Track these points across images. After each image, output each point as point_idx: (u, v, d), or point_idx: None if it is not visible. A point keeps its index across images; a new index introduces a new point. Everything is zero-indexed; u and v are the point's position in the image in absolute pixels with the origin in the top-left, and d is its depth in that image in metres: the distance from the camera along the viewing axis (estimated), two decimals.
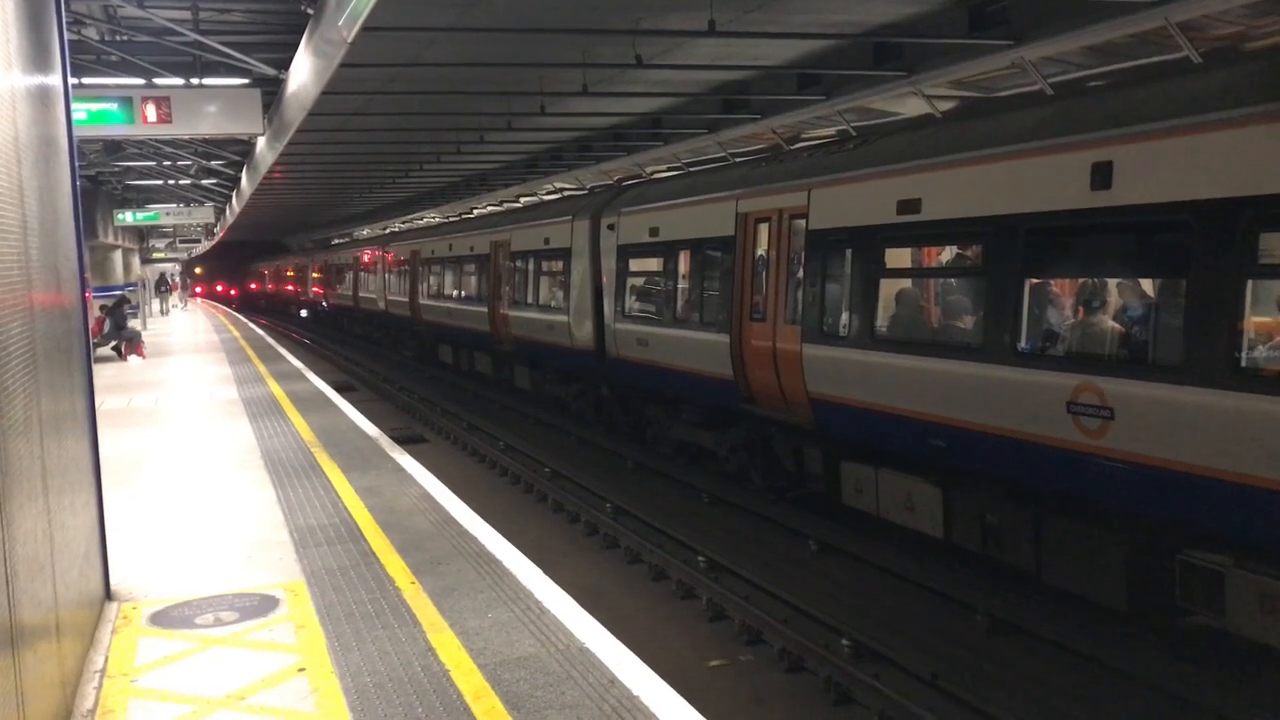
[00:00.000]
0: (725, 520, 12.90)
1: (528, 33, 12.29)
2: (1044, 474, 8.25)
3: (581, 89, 15.30)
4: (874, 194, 10.16)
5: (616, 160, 23.72)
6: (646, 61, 13.58)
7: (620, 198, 16.92)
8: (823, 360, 10.85)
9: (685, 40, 12.82)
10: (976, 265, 9.31)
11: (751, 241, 12.48)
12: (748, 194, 12.58)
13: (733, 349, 12.60)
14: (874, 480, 10.45)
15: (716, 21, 11.65)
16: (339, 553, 7.96)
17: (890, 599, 9.83)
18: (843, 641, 8.38)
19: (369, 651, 5.95)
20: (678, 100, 17.78)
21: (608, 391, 17.71)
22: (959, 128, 10.03)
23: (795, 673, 8.36)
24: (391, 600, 6.85)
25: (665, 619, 9.74)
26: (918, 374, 9.49)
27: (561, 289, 18.52)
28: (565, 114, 18.26)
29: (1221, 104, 6.85)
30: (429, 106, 17.34)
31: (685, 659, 8.59)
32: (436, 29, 11.80)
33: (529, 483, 15.41)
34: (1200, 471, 6.80)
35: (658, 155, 22.25)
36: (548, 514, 13.95)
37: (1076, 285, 8.50)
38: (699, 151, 21.19)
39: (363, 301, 37.99)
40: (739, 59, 14.31)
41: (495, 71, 14.45)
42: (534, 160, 25.77)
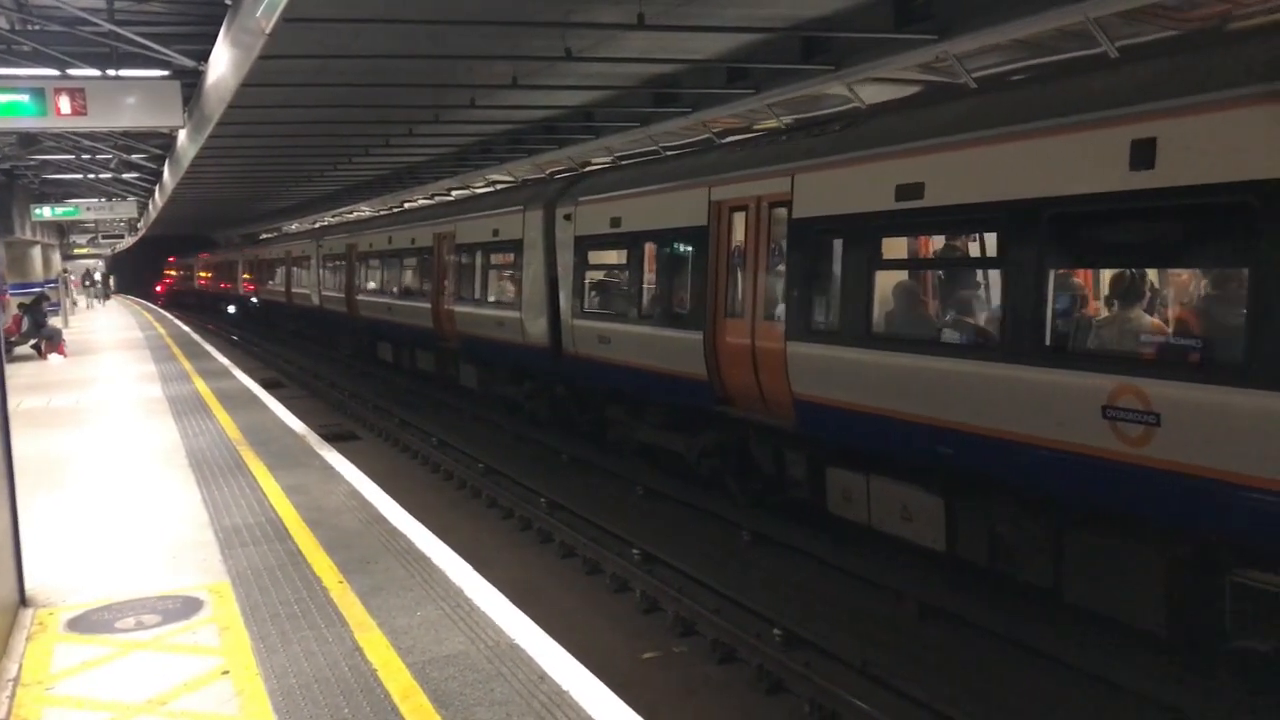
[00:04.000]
0: (659, 512, 12.93)
1: (456, 25, 12.15)
2: (1071, 485, 7.43)
3: (511, 82, 15.19)
4: (869, 178, 9.37)
5: (549, 153, 23.60)
6: (576, 54, 13.50)
7: (577, 186, 16.06)
8: (810, 359, 10.05)
9: (615, 33, 12.77)
10: (992, 255, 8.66)
11: (726, 232, 11.66)
12: (721, 181, 11.76)
13: (706, 347, 11.78)
14: (865, 488, 9.72)
15: (646, 15, 11.62)
16: (265, 553, 7.82)
17: (822, 587, 9.93)
18: (774, 631, 8.45)
19: (295, 652, 5.85)
20: (609, 93, 17.71)
21: (564, 391, 16.86)
22: (968, 105, 9.26)
23: (728, 663, 8.41)
24: (319, 600, 6.74)
25: (599, 613, 9.73)
26: (921, 374, 8.67)
27: (513, 283, 17.63)
28: (495, 107, 18.10)
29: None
30: (356, 99, 17.06)
31: (619, 652, 8.59)
32: (361, 20, 11.61)
33: (462, 479, 15.31)
34: (1263, 485, 6.06)
35: (589, 148, 22.18)
36: (481, 510, 13.86)
37: (1112, 276, 7.69)
38: (632, 145, 21.16)
39: (296, 297, 37.21)
40: (669, 52, 14.28)
41: (423, 64, 14.26)
42: (464, 153, 25.54)
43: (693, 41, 13.58)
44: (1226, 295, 6.83)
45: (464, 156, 26.14)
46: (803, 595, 9.66)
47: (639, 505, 13.36)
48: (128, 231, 52.21)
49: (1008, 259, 7.97)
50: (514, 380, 18.69)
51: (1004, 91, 9.56)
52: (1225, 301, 6.82)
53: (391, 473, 14.99)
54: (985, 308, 8.77)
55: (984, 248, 9.01)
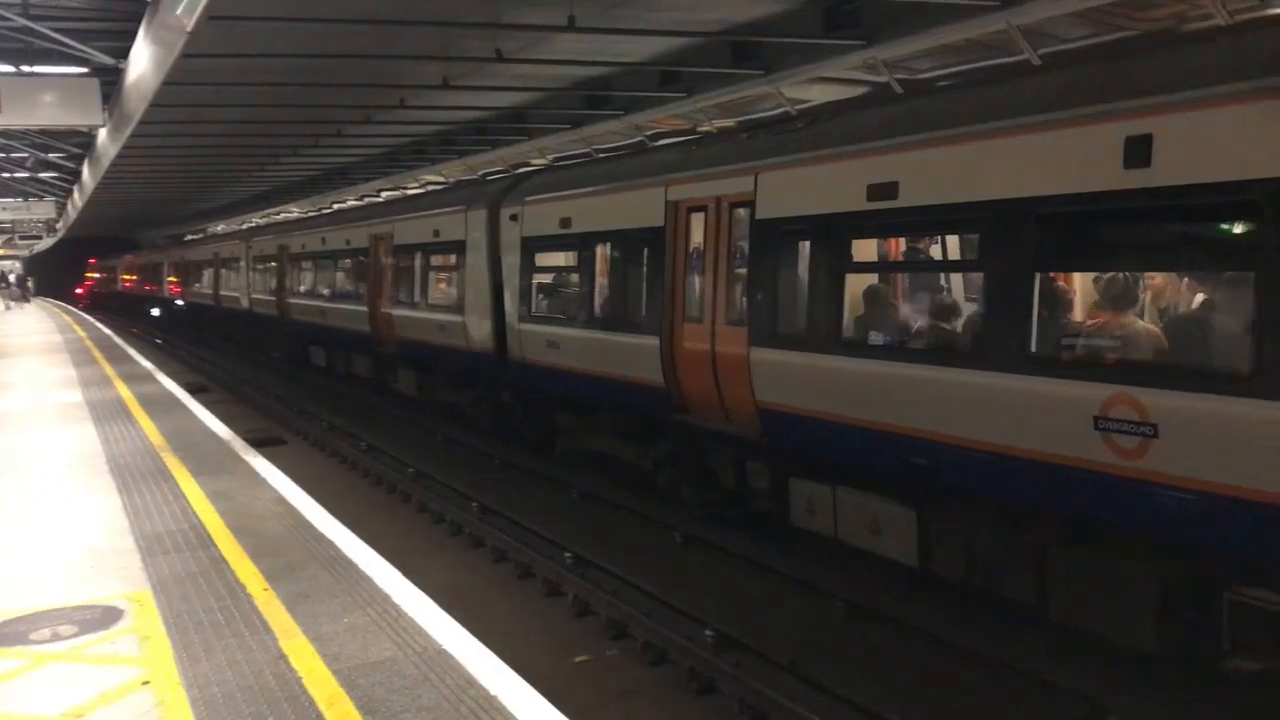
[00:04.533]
0: (593, 516, 12.91)
1: (385, 25, 12.05)
2: (1059, 499, 7.13)
3: (442, 82, 15.11)
4: (838, 177, 8.97)
5: (480, 155, 23.49)
6: (507, 56, 13.46)
7: (523, 185, 15.52)
8: (775, 366, 9.62)
9: (546, 35, 12.77)
10: (972, 257, 8.33)
11: (684, 233, 11.20)
12: (679, 180, 11.28)
13: (663, 353, 11.28)
14: (830, 500, 9.34)
15: (577, 17, 11.64)
16: (188, 560, 7.66)
17: (753, 588, 9.99)
18: (705, 632, 8.48)
19: (218, 661, 5.74)
20: (540, 95, 17.70)
21: (510, 398, 16.21)
22: (948, 100, 8.92)
23: (660, 665, 8.41)
24: (243, 608, 6.62)
25: (531, 617, 9.68)
26: (895, 382, 8.30)
27: (455, 286, 17.00)
28: (425, 107, 17.99)
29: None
30: (284, 99, 16.84)
31: (551, 656, 8.55)
32: (286, 19, 11.46)
33: (392, 484, 15.14)
34: (1270, 499, 5.75)
35: (522, 150, 22.12)
36: (411, 515, 13.72)
37: (1104, 280, 7.36)
38: (563, 146, 21.15)
39: (224, 300, 36.45)
40: (600, 55, 14.31)
41: (352, 64, 14.12)
42: (395, 154, 25.32)
43: (624, 44, 13.62)
44: (1231, 299, 6.53)
45: (395, 157, 25.92)
46: (734, 596, 9.71)
47: (572, 509, 13.33)
48: (46, 232, 50.86)
49: (991, 261, 7.63)
50: (456, 386, 18.13)
51: (987, 87, 9.29)
52: (1229, 306, 6.53)
53: (319, 478, 14.78)
54: (966, 313, 8.45)
55: (965, 250, 8.73)
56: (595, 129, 19.01)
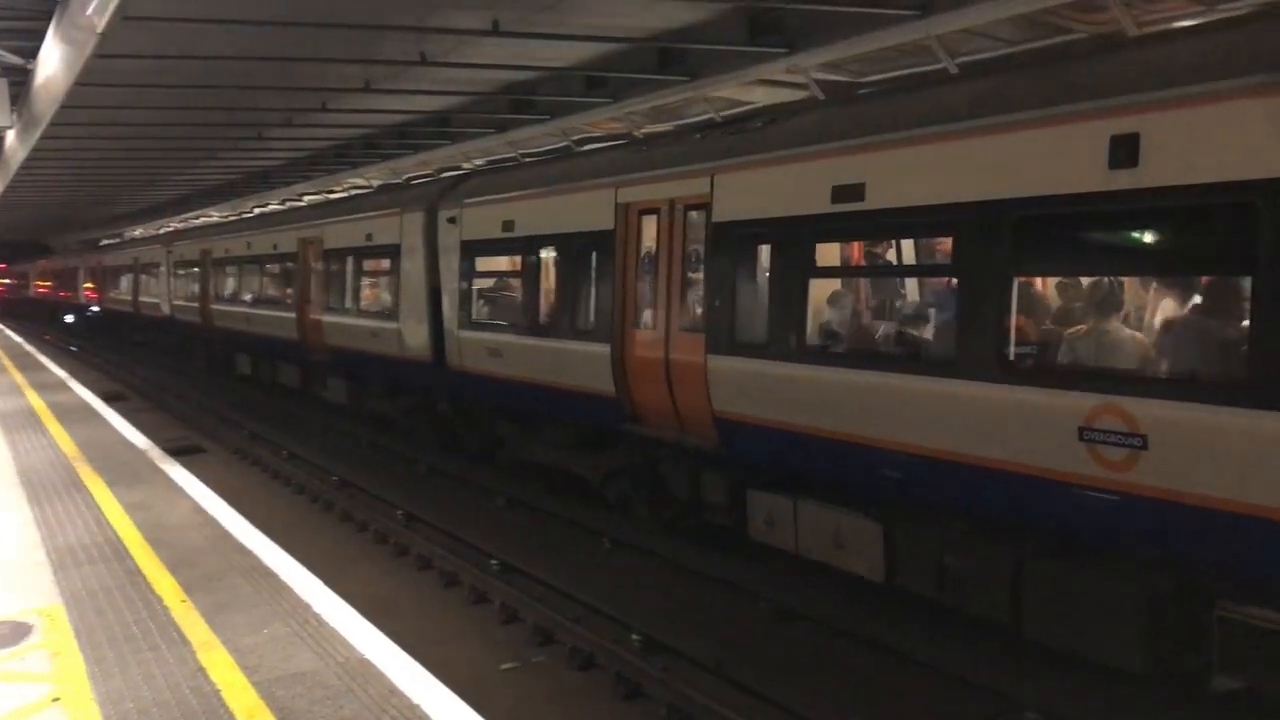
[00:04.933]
0: (520, 522, 12.86)
1: (304, 27, 11.86)
2: (1040, 512, 6.88)
3: (364, 86, 14.91)
4: (801, 179, 8.66)
5: (404, 159, 23.25)
6: (431, 59, 13.33)
7: (462, 187, 15.16)
8: (734, 374, 9.28)
9: (470, 39, 12.65)
10: (946, 261, 8.03)
11: (635, 236, 10.84)
12: (630, 181, 10.93)
13: (614, 361, 10.90)
14: (791, 512, 9.04)
15: (500, 21, 11.56)
16: (102, 573, 7.47)
17: (680, 591, 10.04)
18: (632, 636, 8.49)
19: (133, 676, 5.60)
20: (465, 99, 17.54)
21: (447, 408, 15.74)
22: (917, 99, 8.65)
23: (587, 670, 8.41)
24: (159, 620, 6.47)
25: (456, 625, 9.61)
26: (865, 392, 8.00)
27: (389, 291, 16.47)
28: (348, 110, 17.73)
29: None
30: (201, 101, 16.45)
31: (477, 664, 8.50)
32: (202, 20, 11.22)
33: (315, 492, 14.92)
34: (1266, 514, 5.56)
35: (447, 154, 21.95)
36: (335, 524, 13.54)
37: (1088, 285, 7.19)
38: (489, 151, 21.03)
39: (143, 306, 35.52)
40: (525, 59, 14.23)
41: (271, 66, 13.86)
42: (318, 158, 24.94)
43: (549, 49, 13.56)
44: (1227, 305, 6.32)
45: (318, 161, 25.53)
46: (662, 600, 9.74)
47: (499, 515, 13.26)
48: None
49: (966, 266, 7.34)
50: (390, 395, 17.56)
51: (961, 84, 8.98)
52: (1225, 312, 6.32)
53: (240, 488, 14.49)
54: (939, 319, 8.14)
55: (937, 254, 8.43)
56: (521, 134, 18.93)
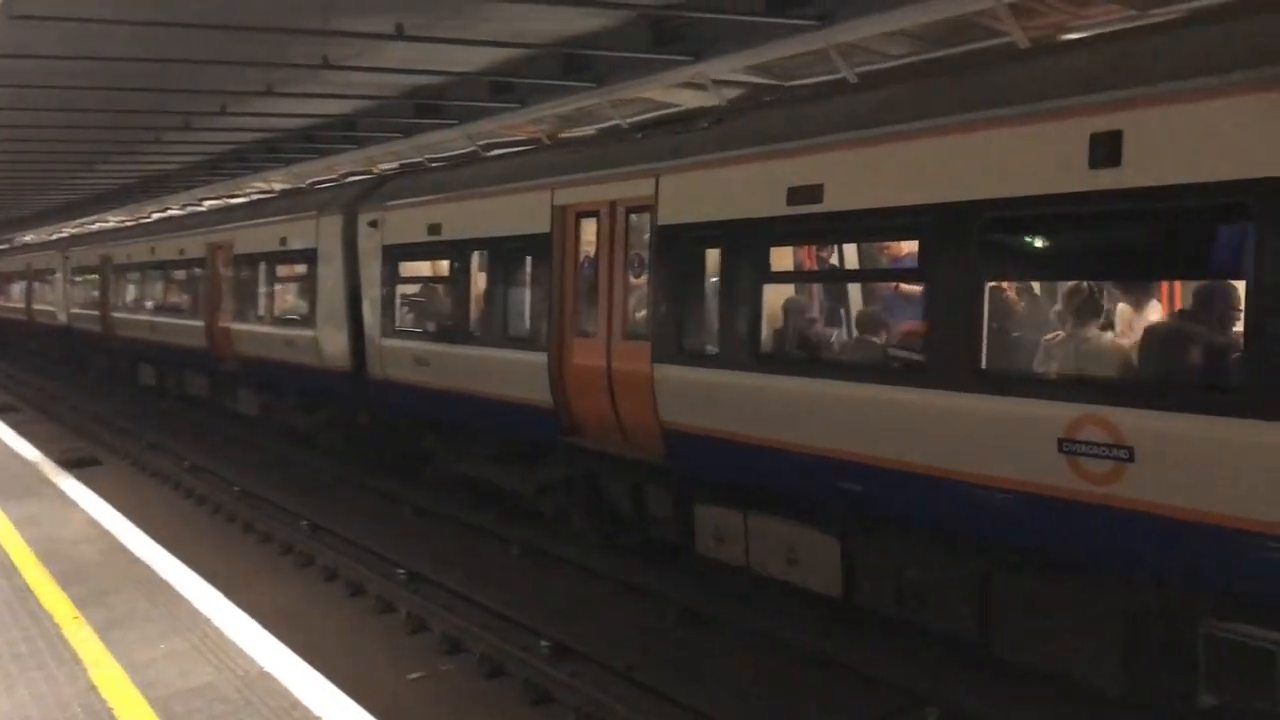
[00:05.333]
0: (428, 530, 12.76)
1: (201, 29, 11.62)
2: (1015, 527, 6.60)
3: (265, 89, 14.66)
4: (754, 180, 8.30)
5: (308, 163, 22.90)
6: (334, 63, 13.18)
7: (384, 189, 14.55)
8: (683, 384, 8.86)
9: (375, 43, 12.54)
10: (912, 266, 7.73)
11: (573, 240, 10.38)
12: (567, 183, 10.45)
13: (551, 370, 10.42)
14: (742, 527, 8.67)
15: (405, 26, 11.47)
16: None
17: (591, 596, 10.05)
18: (541, 643, 8.49)
19: (20, 697, 5.42)
20: (370, 103, 17.36)
21: (369, 420, 15.08)
22: (879, 96, 8.33)
23: (496, 678, 8.37)
24: (49, 638, 6.27)
25: (362, 636, 9.49)
26: (825, 402, 7.66)
27: (305, 298, 15.80)
28: (248, 114, 17.41)
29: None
30: (95, 103, 15.99)
31: (383, 674, 8.40)
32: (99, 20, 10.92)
33: (217, 503, 14.60)
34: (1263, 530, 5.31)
35: (353, 158, 21.68)
36: (238, 535, 13.27)
37: (1066, 290, 6.82)
38: (398, 155, 20.83)
39: (38, 315, 34.15)
40: (431, 64, 14.14)
41: (168, 68, 13.55)
42: (218, 162, 24.42)
43: (455, 53, 13.50)
44: (1218, 310, 6.09)
45: (218, 165, 25.01)
46: (572, 606, 9.74)
47: (407, 524, 13.13)
48: None
49: (934, 270, 7.01)
50: (307, 407, 16.84)
51: (927, 80, 8.70)
52: (1216, 318, 6.09)
53: (138, 500, 14.09)
54: (905, 326, 7.87)
55: (903, 257, 8.16)
56: (428, 139, 18.79)
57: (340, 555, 11.41)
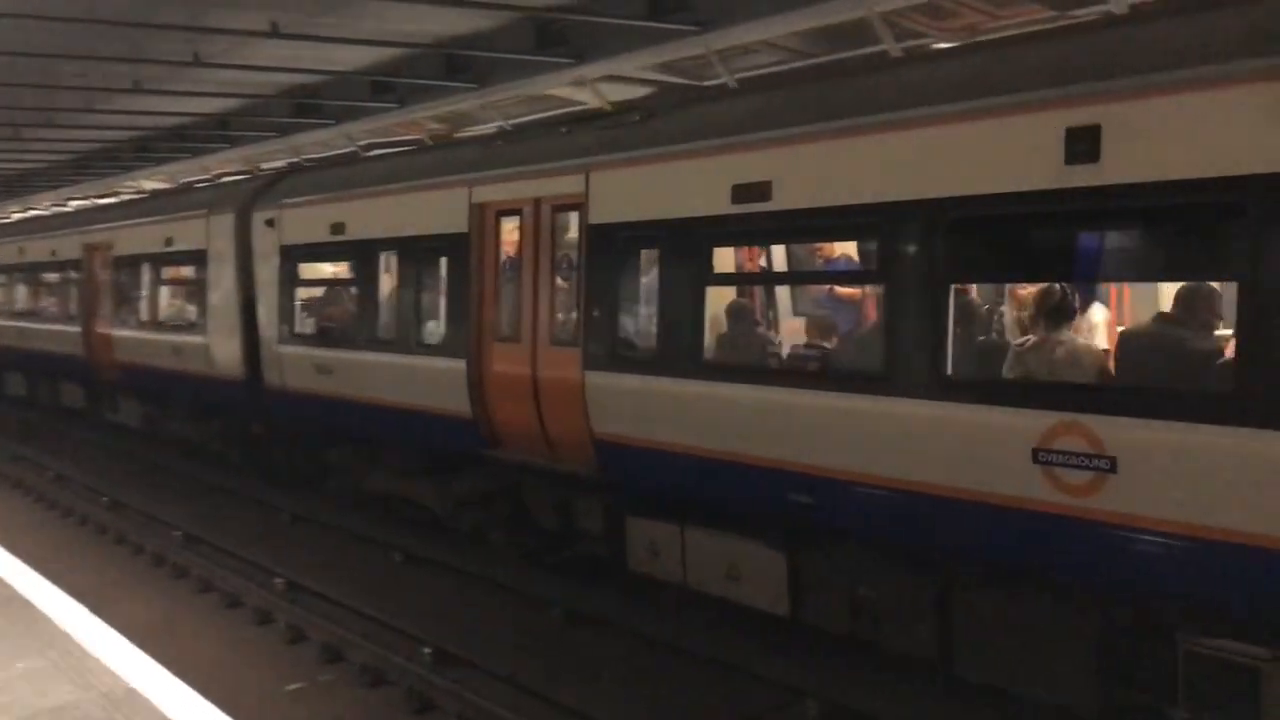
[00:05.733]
0: (308, 539, 12.49)
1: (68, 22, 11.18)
2: (983, 542, 6.31)
3: (133, 86, 14.19)
4: (695, 177, 7.90)
5: (181, 162, 22.23)
6: (206, 60, 12.83)
7: (281, 185, 13.84)
8: (618, 392, 8.44)
9: (247, 40, 12.24)
10: (869, 267, 7.44)
11: (493, 240, 9.86)
12: (487, 180, 9.91)
13: (470, 378, 9.87)
14: (679, 542, 8.29)
15: (280, 23, 11.25)
16: None
17: (475, 602, 9.97)
18: (424, 650, 8.38)
19: None
20: (245, 102, 16.95)
21: (265, 431, 14.32)
22: (834, 88, 7.95)
23: (377, 687, 8.23)
24: None
25: (240, 648, 9.24)
26: (774, 411, 7.31)
27: (194, 302, 15.01)
28: (116, 111, 16.81)
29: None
30: None
31: (261, 687, 8.19)
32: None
33: (84, 515, 14.04)
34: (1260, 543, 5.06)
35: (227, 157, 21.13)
36: (107, 547, 12.79)
37: (1038, 293, 6.57)
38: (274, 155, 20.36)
39: None
40: (307, 62, 13.87)
41: (31, 62, 13.01)
42: (84, 160, 23.52)
43: (332, 53, 13.28)
44: (1208, 314, 5.95)
45: (86, 164, 24.09)
46: (455, 612, 9.64)
47: (285, 532, 12.83)
48: None
49: (895, 272, 6.67)
50: (196, 418, 15.93)
51: (886, 71, 8.34)
52: (1208, 322, 5.94)
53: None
54: (864, 331, 7.65)
55: (860, 258, 7.89)
56: (305, 138, 18.42)
57: (216, 566, 11.08)
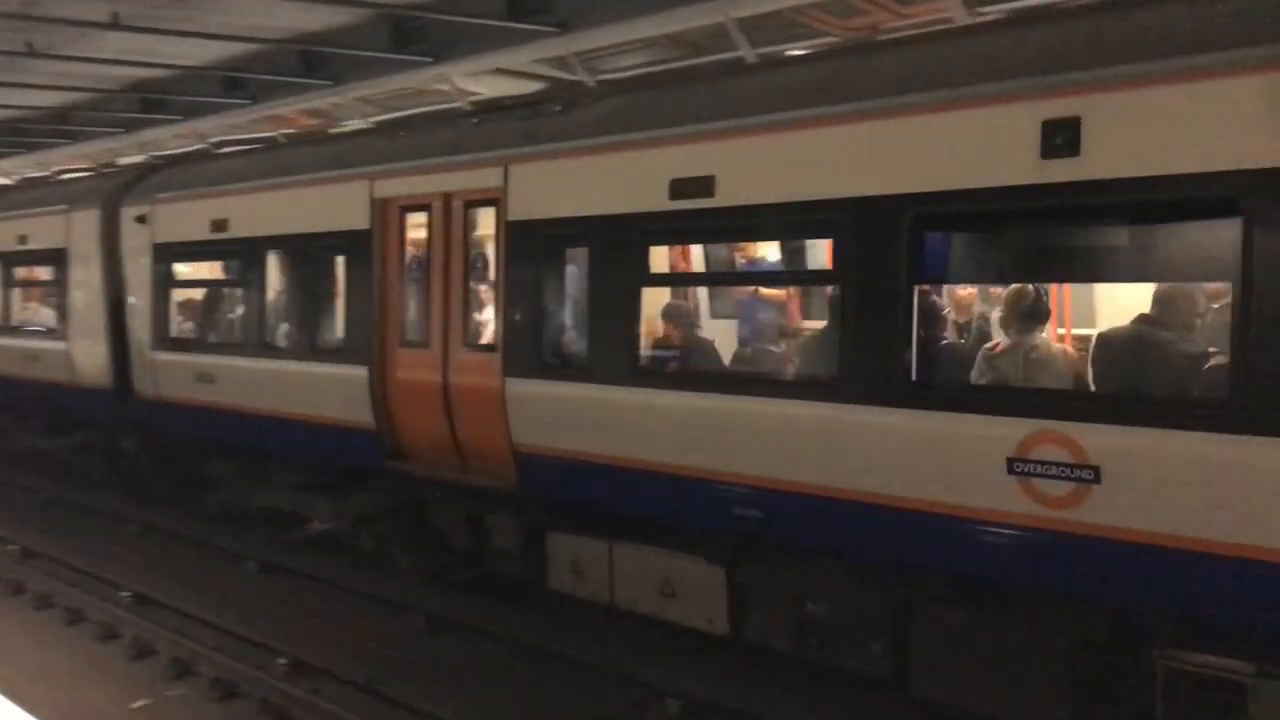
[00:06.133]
0: (156, 550, 12.02)
1: None
2: (951, 556, 5.99)
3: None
4: (630, 171, 7.48)
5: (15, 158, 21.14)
6: (41, 51, 12.24)
7: (154, 179, 12.91)
8: (542, 401, 7.94)
9: (87, 31, 11.73)
10: (824, 267, 7.13)
11: (398, 237, 9.28)
12: (390, 173, 9.31)
13: (373, 387, 9.30)
14: (606, 558, 7.87)
15: (122, 15, 10.83)
16: None
17: (333, 611, 9.76)
18: (279, 660, 8.18)
19: None
20: (87, 96, 16.22)
21: (135, 444, 13.35)
22: (786, 76, 7.51)
23: (230, 700, 8.00)
24: None
25: (82, 665, 8.83)
26: (722, 420, 6.89)
27: (54, 306, 14.04)
28: None
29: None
30: None
31: (104, 706, 7.89)
32: None
33: None
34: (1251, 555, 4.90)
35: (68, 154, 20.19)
36: None
37: (1011, 295, 6.36)
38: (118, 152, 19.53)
39: None
40: (153, 56, 13.35)
41: None
42: None
43: (179, 46, 12.82)
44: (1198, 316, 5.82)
45: None
46: (313, 621, 9.42)
47: (133, 544, 12.32)
48: None
49: (852, 272, 6.33)
50: (56, 430, 14.76)
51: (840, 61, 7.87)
52: (1198, 324, 5.79)
53: None
54: (819, 335, 7.23)
55: (815, 258, 7.62)
56: (152, 134, 17.73)
57: (55, 581, 10.58)
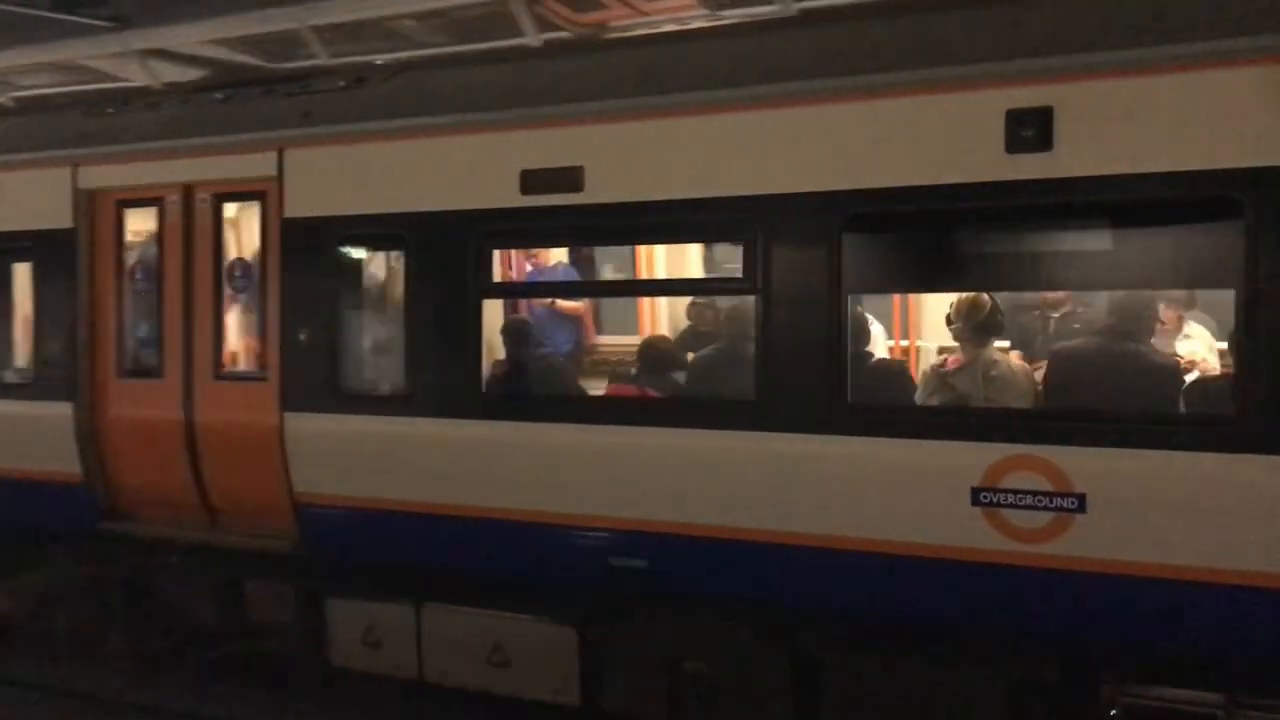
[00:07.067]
0: None
1: None
2: (898, 603, 5.33)
3: None
4: (463, 158, 6.32)
5: None
6: None
7: None
8: (337, 439, 6.65)
9: None
10: (732, 274, 6.32)
11: (113, 239, 7.68)
12: (103, 157, 7.65)
13: (80, 427, 7.64)
14: (413, 625, 6.62)
15: None
16: None
17: None
18: None
19: None
20: None
21: None
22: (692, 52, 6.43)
23: None
24: None
25: None
26: (595, 456, 5.95)
27: None
28: None
29: None
30: None
31: None
32: None
33: None
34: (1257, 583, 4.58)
35: None
36: None
37: (966, 305, 5.78)
38: None
39: None
40: None
41: None
42: None
43: None
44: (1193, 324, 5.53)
45: None
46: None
47: None
48: None
49: (770, 280, 5.54)
50: None
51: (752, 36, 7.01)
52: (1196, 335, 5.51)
53: None
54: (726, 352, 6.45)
55: (717, 263, 7.06)
56: None
57: None
